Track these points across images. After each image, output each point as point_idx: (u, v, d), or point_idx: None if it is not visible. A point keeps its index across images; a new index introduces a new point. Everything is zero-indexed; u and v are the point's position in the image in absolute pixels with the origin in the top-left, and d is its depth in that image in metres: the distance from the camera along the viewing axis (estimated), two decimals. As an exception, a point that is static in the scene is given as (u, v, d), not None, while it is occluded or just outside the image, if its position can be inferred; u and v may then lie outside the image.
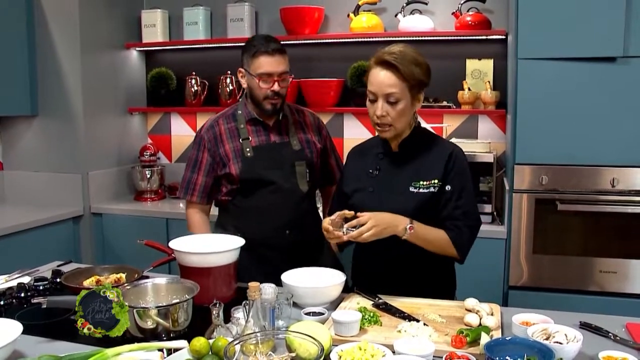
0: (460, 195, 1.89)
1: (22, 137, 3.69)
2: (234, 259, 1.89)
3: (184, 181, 2.33)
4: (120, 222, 3.58)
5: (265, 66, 2.15)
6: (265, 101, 2.20)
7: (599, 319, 1.69)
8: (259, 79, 2.17)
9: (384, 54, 1.83)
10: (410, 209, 1.87)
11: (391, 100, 1.83)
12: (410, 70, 1.81)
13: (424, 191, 1.89)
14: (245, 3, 3.66)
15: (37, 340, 1.59)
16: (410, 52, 1.84)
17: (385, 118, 1.85)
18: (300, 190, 2.26)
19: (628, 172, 2.63)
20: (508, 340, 1.45)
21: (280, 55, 2.16)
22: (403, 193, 1.91)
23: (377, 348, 1.42)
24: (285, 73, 2.19)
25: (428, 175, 1.90)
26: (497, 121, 3.43)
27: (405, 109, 1.85)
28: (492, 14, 3.34)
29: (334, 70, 3.62)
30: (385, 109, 1.84)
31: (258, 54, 2.15)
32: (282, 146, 2.27)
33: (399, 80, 1.81)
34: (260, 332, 1.44)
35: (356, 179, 2.02)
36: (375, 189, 1.96)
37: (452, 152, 1.92)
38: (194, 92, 3.84)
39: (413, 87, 1.84)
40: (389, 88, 1.82)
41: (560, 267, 2.74)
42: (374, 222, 1.77)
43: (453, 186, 1.89)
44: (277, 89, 2.18)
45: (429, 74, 1.88)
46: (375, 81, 1.84)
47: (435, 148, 1.95)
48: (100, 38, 3.65)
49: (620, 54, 2.56)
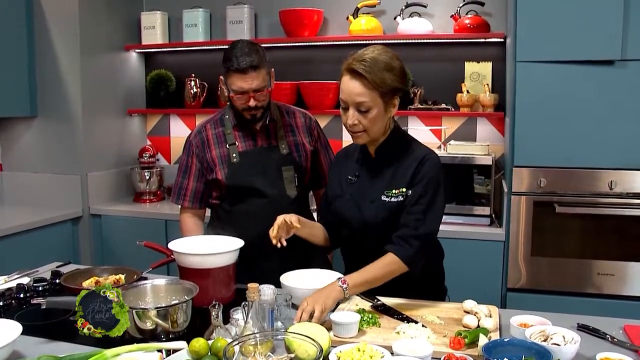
0: (417, 201, 1.82)
1: (21, 138, 3.69)
2: (233, 260, 1.90)
3: (176, 186, 2.32)
4: (119, 223, 3.58)
5: (237, 84, 2.08)
6: (244, 112, 2.17)
7: (597, 321, 1.69)
8: (233, 95, 2.13)
9: (354, 62, 1.77)
10: (380, 218, 1.85)
11: (362, 109, 1.77)
12: (381, 78, 1.75)
13: (394, 200, 1.85)
14: (244, 5, 3.67)
15: (36, 340, 1.59)
16: (382, 57, 1.77)
17: (357, 126, 1.81)
18: (288, 195, 2.22)
19: (626, 174, 2.64)
20: (506, 342, 1.46)
21: (254, 71, 2.06)
22: (375, 202, 1.88)
23: (375, 349, 1.43)
24: (260, 88, 2.11)
25: (399, 184, 1.86)
26: (496, 124, 3.44)
27: (377, 116, 1.79)
28: (491, 17, 3.35)
29: (333, 72, 3.58)
30: (356, 117, 1.79)
31: (230, 71, 2.08)
32: (269, 151, 2.24)
33: (367, 90, 1.75)
34: (260, 333, 1.44)
35: (338, 185, 2.00)
36: (352, 196, 1.94)
37: (423, 158, 1.85)
38: (193, 94, 3.85)
39: (385, 94, 1.77)
40: (359, 97, 1.76)
41: (559, 270, 2.75)
42: (312, 302, 1.66)
43: (413, 191, 1.83)
44: (252, 104, 2.12)
45: (403, 78, 1.81)
46: (345, 89, 1.79)
47: (409, 155, 1.88)
48: (100, 40, 3.66)
49: (618, 57, 2.57)
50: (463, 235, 2.96)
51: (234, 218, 2.23)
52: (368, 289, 1.82)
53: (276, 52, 3.64)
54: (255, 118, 2.20)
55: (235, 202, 2.23)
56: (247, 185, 2.19)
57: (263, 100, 2.16)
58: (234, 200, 2.24)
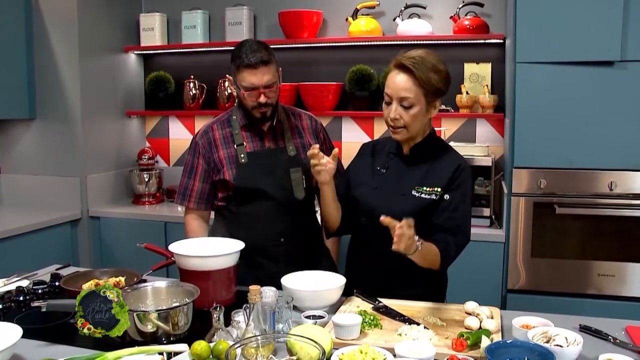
0: (456, 207, 1.88)
1: (20, 140, 3.68)
2: (234, 263, 1.89)
3: (181, 187, 2.31)
4: (118, 225, 3.58)
5: (248, 79, 2.08)
6: (254, 110, 2.16)
7: (599, 322, 1.69)
8: (244, 92, 2.13)
9: (403, 58, 1.82)
10: (408, 211, 1.84)
11: (405, 105, 1.83)
12: (427, 77, 1.80)
13: (426, 197, 1.89)
14: (243, 7, 3.67)
15: (36, 344, 1.58)
16: (430, 59, 1.83)
17: (398, 121, 1.85)
18: (296, 197, 2.21)
19: (626, 175, 2.64)
20: (509, 344, 1.45)
21: (265, 66, 2.08)
22: (405, 195, 1.91)
23: (378, 351, 1.42)
24: (271, 84, 2.12)
25: (432, 183, 1.90)
26: (495, 125, 3.44)
27: (418, 114, 1.85)
28: (490, 18, 3.36)
29: (332, 74, 3.63)
30: (398, 112, 1.84)
31: (241, 68, 2.08)
32: (277, 152, 2.23)
33: (414, 86, 1.81)
34: (261, 336, 1.44)
35: (363, 173, 2.02)
36: (379, 186, 1.96)
37: (460, 165, 1.92)
38: (192, 96, 3.84)
39: (428, 93, 1.83)
40: (404, 92, 1.82)
41: (559, 271, 2.75)
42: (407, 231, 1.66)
43: (452, 197, 1.89)
44: (263, 100, 2.12)
45: (447, 82, 1.87)
46: (391, 84, 1.84)
47: (445, 158, 1.95)
48: (99, 41, 3.65)
49: (617, 58, 2.57)
50: (463, 237, 2.95)
51: (241, 220, 2.21)
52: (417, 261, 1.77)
53: (275, 53, 3.56)
54: (265, 116, 2.19)
55: (242, 204, 2.22)
56: (255, 187, 2.18)
57: (273, 96, 2.16)
58: (241, 202, 2.22)
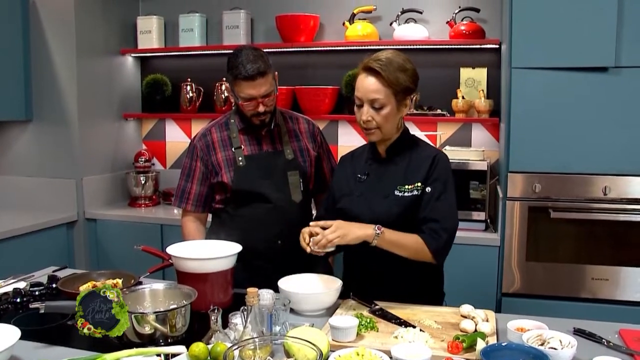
0: (439, 197, 1.91)
1: (16, 142, 3.68)
2: (231, 265, 1.90)
3: (178, 189, 2.32)
4: (115, 227, 3.57)
5: (246, 91, 2.10)
6: (252, 118, 2.18)
7: (593, 325, 1.71)
8: (242, 102, 2.14)
9: (370, 61, 1.87)
10: (394, 212, 1.90)
11: (376, 106, 1.87)
12: (395, 77, 1.85)
13: (408, 195, 1.92)
14: (241, 10, 3.68)
15: (34, 345, 1.59)
16: (397, 59, 1.88)
17: (370, 122, 1.89)
18: (293, 200, 2.23)
19: (620, 180, 2.66)
20: (504, 346, 1.47)
21: (262, 77, 2.08)
22: (388, 196, 1.93)
23: (374, 354, 1.43)
24: (268, 93, 2.13)
25: (413, 179, 1.93)
26: (491, 129, 3.46)
27: (390, 114, 1.88)
28: (486, 23, 3.38)
29: (329, 78, 3.64)
30: (370, 113, 1.88)
31: (238, 79, 2.09)
32: (274, 155, 2.25)
33: (383, 87, 1.85)
34: (259, 338, 1.45)
35: (345, 184, 2.04)
36: (362, 193, 1.98)
37: (436, 156, 1.95)
38: (189, 99, 3.85)
39: (398, 92, 1.87)
40: (373, 94, 1.86)
41: (553, 275, 2.77)
42: (339, 225, 1.83)
43: (433, 188, 1.91)
44: (261, 109, 2.14)
45: (415, 80, 1.91)
46: (361, 87, 1.89)
47: (420, 152, 1.98)
48: (96, 44, 3.66)
49: (612, 64, 2.59)
50: (458, 240, 2.87)
51: (239, 222, 2.23)
52: (393, 250, 1.86)
53: (272, 57, 3.53)
54: (264, 123, 2.21)
55: (240, 206, 2.23)
56: (253, 190, 2.20)
57: (271, 105, 2.18)
58: (239, 204, 2.23)
